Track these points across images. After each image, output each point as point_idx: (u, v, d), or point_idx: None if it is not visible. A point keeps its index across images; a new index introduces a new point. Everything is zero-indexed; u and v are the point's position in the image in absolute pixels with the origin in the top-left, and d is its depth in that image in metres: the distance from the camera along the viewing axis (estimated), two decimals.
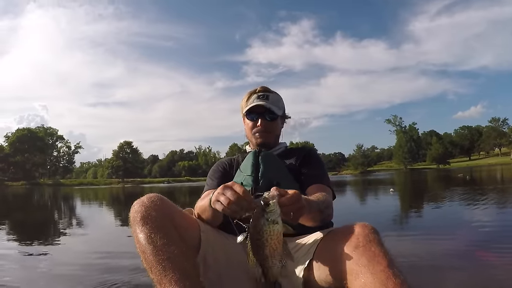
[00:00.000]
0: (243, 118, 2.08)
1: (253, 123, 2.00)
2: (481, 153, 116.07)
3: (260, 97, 1.99)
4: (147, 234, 1.31)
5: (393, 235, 4.73)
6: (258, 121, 1.97)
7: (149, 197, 1.42)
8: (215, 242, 1.56)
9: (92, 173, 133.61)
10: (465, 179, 21.80)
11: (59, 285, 3.07)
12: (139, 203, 1.40)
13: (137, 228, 1.34)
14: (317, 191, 1.68)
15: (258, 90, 2.03)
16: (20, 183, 66.93)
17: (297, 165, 1.93)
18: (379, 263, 1.16)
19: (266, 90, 2.04)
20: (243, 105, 2.05)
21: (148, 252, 1.28)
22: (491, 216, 6.33)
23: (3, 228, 7.42)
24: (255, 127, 1.99)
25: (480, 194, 10.20)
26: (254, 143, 2.03)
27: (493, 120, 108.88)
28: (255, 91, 2.03)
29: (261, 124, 1.97)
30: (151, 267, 1.27)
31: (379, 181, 29.72)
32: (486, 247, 3.82)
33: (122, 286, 2.86)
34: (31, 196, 26.16)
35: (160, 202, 1.40)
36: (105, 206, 14.64)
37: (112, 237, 6.04)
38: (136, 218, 1.36)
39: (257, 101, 1.97)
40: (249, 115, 2.00)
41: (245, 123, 2.06)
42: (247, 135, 2.07)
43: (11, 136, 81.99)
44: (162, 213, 1.37)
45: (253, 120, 1.99)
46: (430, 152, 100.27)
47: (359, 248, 1.22)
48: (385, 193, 13.57)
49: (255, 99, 1.99)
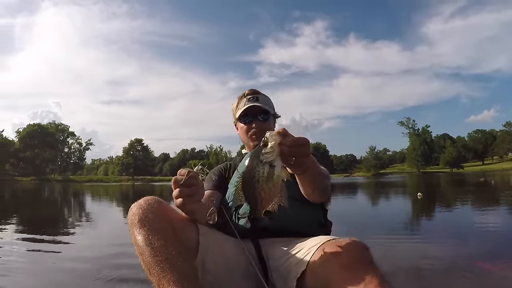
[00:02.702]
0: (235, 124, 2.12)
1: (247, 126, 2.02)
2: (494, 157, 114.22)
3: (250, 99, 2.01)
4: (145, 236, 1.32)
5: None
6: (252, 123, 1.99)
7: (146, 199, 1.43)
8: (214, 245, 1.54)
9: (102, 170, 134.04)
10: (490, 183, 21.22)
11: (68, 280, 3.14)
12: (137, 205, 1.41)
13: (135, 230, 1.35)
14: None
15: (247, 94, 2.06)
16: (29, 179, 67.02)
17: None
18: (370, 282, 1.17)
19: (255, 92, 2.07)
20: (234, 111, 2.08)
21: (146, 254, 1.29)
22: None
23: (11, 224, 7.28)
24: (250, 130, 2.00)
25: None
26: (251, 146, 2.03)
27: (507, 124, 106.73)
28: (243, 95, 2.06)
29: (256, 125, 1.99)
30: (149, 268, 1.27)
31: (393, 183, 29.26)
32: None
33: (130, 281, 2.99)
34: (38, 192, 26.12)
35: (157, 205, 1.41)
36: (112, 203, 14.65)
37: (117, 233, 5.99)
38: (134, 220, 1.37)
39: (248, 104, 1.99)
40: (242, 118, 2.02)
41: (239, 128, 2.09)
42: (243, 139, 2.09)
43: (22, 131, 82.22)
44: (160, 215, 1.38)
45: (247, 123, 2.01)
46: (443, 155, 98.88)
47: (351, 267, 1.23)
48: (413, 198, 12.58)
49: (246, 102, 2.01)
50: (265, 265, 1.59)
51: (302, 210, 1.74)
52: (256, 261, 1.60)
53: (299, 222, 1.72)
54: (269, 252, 1.64)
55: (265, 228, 1.67)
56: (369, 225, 6.59)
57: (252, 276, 1.54)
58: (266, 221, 1.51)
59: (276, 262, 1.57)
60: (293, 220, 1.70)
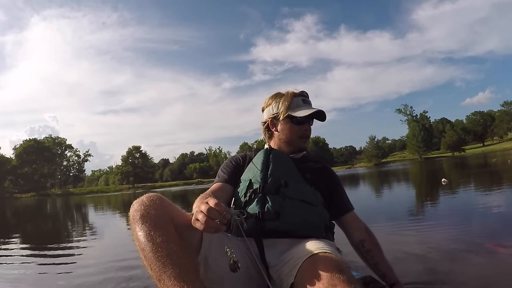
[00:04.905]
0: (273, 121, 1.99)
1: (299, 127, 1.94)
2: (494, 138, 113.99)
3: (305, 102, 1.96)
4: (146, 232, 1.32)
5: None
6: (305, 126, 1.95)
7: (148, 196, 1.43)
8: (217, 242, 1.53)
9: (103, 181, 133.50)
10: (507, 162, 20.78)
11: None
12: (139, 202, 1.41)
13: (137, 226, 1.35)
14: (354, 222, 1.91)
15: (299, 94, 1.98)
16: (29, 195, 66.24)
17: (312, 170, 1.89)
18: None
19: (305, 94, 2.01)
20: (285, 107, 1.94)
21: (147, 250, 1.29)
22: None
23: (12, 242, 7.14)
24: (303, 132, 1.95)
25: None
26: (295, 147, 1.98)
27: (505, 104, 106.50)
28: (295, 94, 1.97)
29: (307, 129, 1.96)
30: (150, 264, 1.28)
31: (403, 171, 28.63)
32: None
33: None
34: (35, 208, 25.76)
35: (159, 201, 1.41)
36: (113, 213, 14.31)
37: (119, 244, 5.88)
38: (136, 216, 1.37)
39: (307, 107, 1.93)
40: (298, 118, 1.92)
41: (285, 127, 1.96)
42: (284, 138, 1.97)
43: (18, 147, 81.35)
44: (162, 211, 1.38)
45: (302, 124, 1.94)
46: (444, 140, 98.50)
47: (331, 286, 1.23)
48: (438, 185, 11.45)
49: (302, 104, 1.94)
50: (267, 265, 1.59)
51: (311, 214, 1.73)
52: (259, 260, 1.57)
53: (306, 224, 1.70)
54: (269, 253, 1.62)
55: (272, 229, 1.66)
56: (405, 217, 6.08)
57: (253, 275, 1.56)
58: (273, 223, 1.65)
59: (274, 267, 1.57)
60: (301, 223, 1.69)
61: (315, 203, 1.75)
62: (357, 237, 1.88)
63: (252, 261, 1.57)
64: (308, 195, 1.74)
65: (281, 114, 1.96)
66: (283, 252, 1.59)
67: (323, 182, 1.89)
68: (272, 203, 1.68)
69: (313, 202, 1.74)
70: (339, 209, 1.91)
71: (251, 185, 1.79)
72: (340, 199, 1.93)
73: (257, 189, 1.75)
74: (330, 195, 1.89)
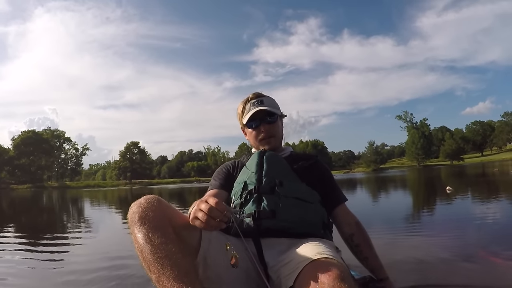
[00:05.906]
0: (243, 129, 2.09)
1: (256, 131, 1.99)
2: (493, 148, 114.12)
3: (255, 103, 1.97)
4: (145, 234, 1.32)
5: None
6: (260, 127, 1.97)
7: (146, 198, 1.43)
8: (216, 242, 1.53)
9: (101, 175, 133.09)
10: (507, 173, 20.73)
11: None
12: (137, 204, 1.41)
13: (135, 228, 1.35)
14: (345, 216, 1.89)
15: (251, 98, 2.02)
16: (25, 186, 65.98)
17: (305, 169, 1.89)
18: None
19: (259, 95, 2.03)
20: (240, 117, 2.05)
21: (146, 251, 1.29)
22: None
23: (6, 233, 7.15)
24: (259, 134, 1.98)
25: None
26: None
27: (505, 115, 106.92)
28: (247, 100, 2.03)
29: (264, 129, 1.96)
30: (149, 265, 1.28)
31: (401, 178, 28.53)
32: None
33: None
34: (33, 199, 25.61)
35: (157, 203, 1.41)
36: (108, 208, 14.26)
37: (115, 239, 5.96)
38: (134, 218, 1.37)
39: (254, 108, 1.95)
40: (249, 123, 1.99)
41: (247, 133, 2.06)
42: (252, 144, 2.06)
43: (16, 138, 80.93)
44: (160, 213, 1.38)
45: (254, 128, 1.99)
46: (443, 148, 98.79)
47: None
48: (442, 193, 11.13)
49: (251, 107, 1.97)
50: (265, 265, 1.57)
51: (307, 211, 1.72)
52: (258, 260, 1.57)
53: (303, 222, 1.68)
54: (267, 253, 1.60)
55: (269, 228, 1.64)
56: (410, 224, 5.95)
57: (252, 275, 1.56)
58: (270, 221, 1.63)
59: (273, 267, 1.55)
60: (298, 221, 1.67)
61: (311, 200, 1.74)
62: (346, 231, 1.87)
63: (251, 261, 1.56)
64: (304, 193, 1.74)
65: (240, 123, 2.07)
66: (282, 253, 1.57)
67: (316, 178, 1.90)
68: (268, 202, 1.67)
69: (309, 200, 1.73)
70: (331, 202, 1.90)
71: (246, 186, 1.78)
72: (331, 192, 1.93)
73: (253, 190, 1.74)
74: (323, 189, 1.89)
